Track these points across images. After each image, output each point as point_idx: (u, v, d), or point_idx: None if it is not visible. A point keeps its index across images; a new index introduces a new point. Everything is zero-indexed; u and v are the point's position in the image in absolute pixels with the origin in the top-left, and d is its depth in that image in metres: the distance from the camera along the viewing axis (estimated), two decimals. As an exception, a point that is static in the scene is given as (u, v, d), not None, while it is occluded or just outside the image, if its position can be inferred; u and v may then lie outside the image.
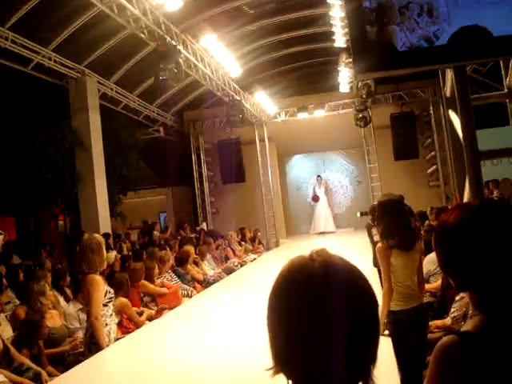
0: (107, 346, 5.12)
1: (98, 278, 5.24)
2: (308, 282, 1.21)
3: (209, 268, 11.76)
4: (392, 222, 4.50)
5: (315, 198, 20.24)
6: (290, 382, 1.23)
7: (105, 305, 5.23)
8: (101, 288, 5.21)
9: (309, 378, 1.19)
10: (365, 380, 1.23)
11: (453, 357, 1.56)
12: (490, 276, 1.63)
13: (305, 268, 1.23)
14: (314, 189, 20.43)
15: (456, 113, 3.15)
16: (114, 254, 11.00)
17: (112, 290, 5.48)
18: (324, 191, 20.21)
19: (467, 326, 1.66)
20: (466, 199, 3.14)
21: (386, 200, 4.84)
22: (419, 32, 2.71)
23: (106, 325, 5.24)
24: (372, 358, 1.24)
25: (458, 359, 1.55)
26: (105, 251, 5.41)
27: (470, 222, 1.69)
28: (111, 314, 5.33)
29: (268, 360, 1.24)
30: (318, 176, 20.44)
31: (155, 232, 16.05)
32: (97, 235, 5.66)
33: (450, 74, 3.17)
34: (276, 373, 1.26)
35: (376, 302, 1.27)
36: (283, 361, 1.22)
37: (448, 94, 3.28)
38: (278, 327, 1.23)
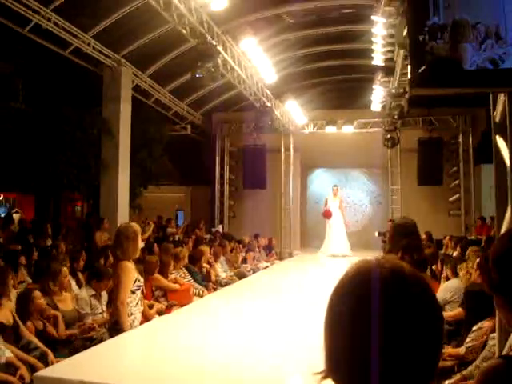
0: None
1: (130, 265, 5.26)
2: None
3: (221, 270, 11.74)
4: (403, 245, 4.45)
5: (327, 214, 16.47)
6: None
7: (132, 292, 5.24)
8: (131, 275, 5.23)
9: None
10: None
11: (499, 381, 1.52)
12: None
13: (373, 272, 1.19)
14: (326, 200, 16.79)
15: (504, 139, 3.10)
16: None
17: (142, 279, 5.47)
18: (338, 205, 16.58)
19: None
20: (505, 226, 3.08)
21: (400, 222, 4.82)
22: (486, 53, 2.66)
23: (132, 314, 5.23)
24: (430, 376, 1.19)
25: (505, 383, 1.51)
26: (139, 240, 5.41)
27: None
28: (137, 303, 5.32)
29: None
30: (334, 186, 17.03)
31: (169, 229, 16.11)
32: (133, 224, 5.66)
33: (502, 99, 3.12)
34: (324, 378, 1.22)
35: (441, 315, 1.22)
36: (338, 365, 1.18)
37: (497, 119, 3.22)
38: (339, 330, 1.18)
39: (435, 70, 2.70)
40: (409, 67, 2.76)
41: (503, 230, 3.11)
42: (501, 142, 3.13)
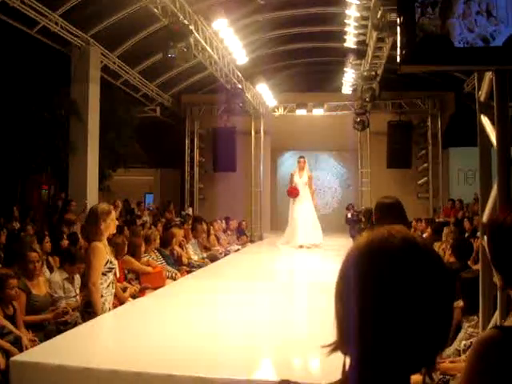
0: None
1: (100, 246, 5.15)
2: (388, 256, 1.16)
3: (193, 253, 11.68)
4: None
5: (292, 191, 13.24)
6: (348, 359, 1.19)
7: (103, 274, 5.14)
8: (101, 256, 5.12)
9: (372, 356, 1.14)
10: (428, 368, 1.19)
11: (494, 352, 1.53)
12: None
13: (384, 242, 1.18)
14: (292, 176, 13.55)
15: (489, 118, 3.11)
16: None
17: (115, 262, 5.38)
18: (305, 182, 13.24)
19: (509, 322, 1.64)
20: (489, 206, 3.10)
21: (388, 202, 4.79)
22: (476, 30, 2.66)
23: (102, 296, 5.14)
24: (439, 347, 1.19)
25: (499, 354, 1.52)
26: (111, 219, 5.29)
27: None
28: (108, 285, 5.23)
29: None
30: (301, 157, 13.85)
31: (138, 212, 16.02)
32: (104, 203, 5.58)
33: (488, 78, 3.12)
34: (333, 350, 1.22)
35: (454, 286, 1.21)
36: (349, 335, 1.17)
37: (482, 98, 3.23)
38: (351, 300, 1.16)
39: (425, 46, 2.68)
40: (398, 44, 2.74)
41: (487, 209, 3.14)
42: (486, 122, 3.14)
